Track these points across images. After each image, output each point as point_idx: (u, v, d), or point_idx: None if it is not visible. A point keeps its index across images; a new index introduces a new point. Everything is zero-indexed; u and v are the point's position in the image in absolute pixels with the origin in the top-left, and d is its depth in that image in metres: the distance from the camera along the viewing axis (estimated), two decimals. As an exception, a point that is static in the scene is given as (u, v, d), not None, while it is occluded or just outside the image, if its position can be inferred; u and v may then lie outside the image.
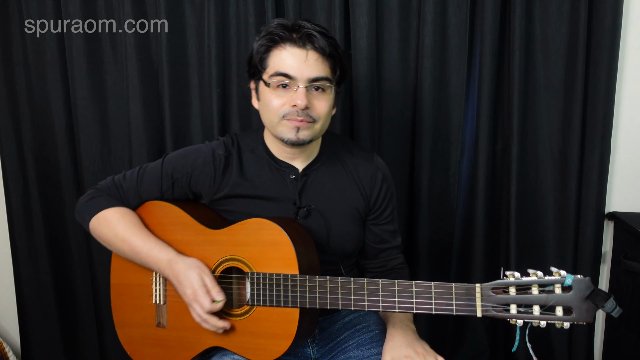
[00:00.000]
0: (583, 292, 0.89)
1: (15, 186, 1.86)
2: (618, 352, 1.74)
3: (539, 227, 1.77)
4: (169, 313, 1.22)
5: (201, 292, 1.10)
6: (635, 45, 1.66)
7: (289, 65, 1.10)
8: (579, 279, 0.89)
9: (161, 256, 1.16)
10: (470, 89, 1.74)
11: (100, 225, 1.23)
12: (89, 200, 1.25)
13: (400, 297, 1.01)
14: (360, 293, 1.03)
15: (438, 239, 1.77)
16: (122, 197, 1.26)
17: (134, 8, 1.68)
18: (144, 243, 1.18)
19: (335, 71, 1.15)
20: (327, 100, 1.15)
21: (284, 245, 1.08)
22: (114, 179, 1.27)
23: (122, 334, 1.29)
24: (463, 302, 0.96)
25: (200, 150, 1.25)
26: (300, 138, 1.13)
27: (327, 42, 1.11)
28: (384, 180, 1.28)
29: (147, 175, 1.25)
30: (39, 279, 1.92)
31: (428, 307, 0.99)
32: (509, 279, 0.92)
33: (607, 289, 1.79)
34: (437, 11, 1.62)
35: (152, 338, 1.24)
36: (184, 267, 1.13)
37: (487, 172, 1.73)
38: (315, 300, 1.06)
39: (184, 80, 1.75)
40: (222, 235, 1.16)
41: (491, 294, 0.94)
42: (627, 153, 1.73)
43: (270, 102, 1.13)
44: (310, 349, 1.25)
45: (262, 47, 1.13)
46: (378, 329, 1.25)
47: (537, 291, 0.91)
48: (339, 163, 1.27)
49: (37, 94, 1.82)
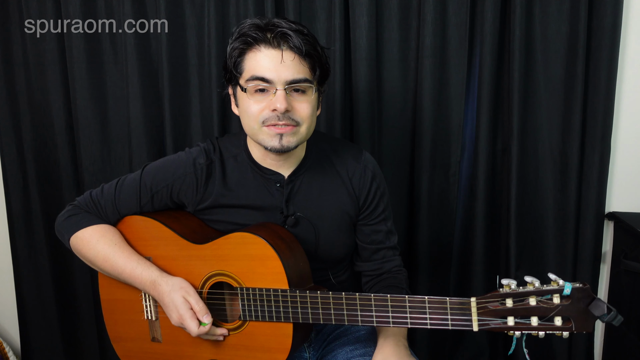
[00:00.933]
0: (582, 301, 0.85)
1: (15, 186, 1.86)
2: (618, 352, 1.74)
3: (539, 227, 1.77)
4: (162, 328, 1.20)
5: (187, 316, 1.07)
6: (635, 45, 1.66)
7: (265, 67, 1.04)
8: (578, 287, 0.85)
9: (144, 276, 1.13)
10: (470, 89, 1.74)
11: (79, 244, 1.19)
12: (67, 219, 1.21)
13: (394, 312, 0.98)
14: (353, 308, 1.00)
15: (438, 239, 1.77)
16: (101, 212, 1.21)
17: (134, 8, 1.68)
18: (125, 263, 1.15)
19: (314, 70, 1.08)
20: (309, 101, 1.08)
21: (271, 260, 1.06)
22: (92, 194, 1.23)
23: (119, 348, 1.28)
24: (458, 317, 0.93)
25: (180, 160, 1.20)
26: (285, 145, 1.07)
27: (303, 40, 1.04)
28: (374, 178, 1.23)
29: (125, 189, 1.21)
30: (39, 279, 1.92)
31: (423, 322, 0.96)
32: (505, 289, 0.89)
33: (607, 289, 1.79)
34: (437, 11, 1.62)
35: (149, 352, 1.23)
36: (167, 289, 1.11)
37: (487, 172, 1.73)
38: (308, 316, 1.04)
39: (184, 80, 1.75)
40: (206, 250, 1.13)
41: (489, 308, 0.90)
42: (627, 153, 1.73)
43: (249, 108, 1.07)
44: (307, 352, 1.25)
45: (236, 50, 1.07)
46: (365, 329, 1.24)
47: (535, 302, 0.87)
48: (325, 165, 1.21)
49: (37, 94, 1.82)
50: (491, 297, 0.90)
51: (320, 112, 1.19)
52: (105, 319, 1.29)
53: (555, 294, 0.86)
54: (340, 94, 1.69)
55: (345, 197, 1.21)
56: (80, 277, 1.92)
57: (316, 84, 1.10)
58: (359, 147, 1.28)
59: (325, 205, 1.20)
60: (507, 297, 0.89)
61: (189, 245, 1.15)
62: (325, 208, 1.20)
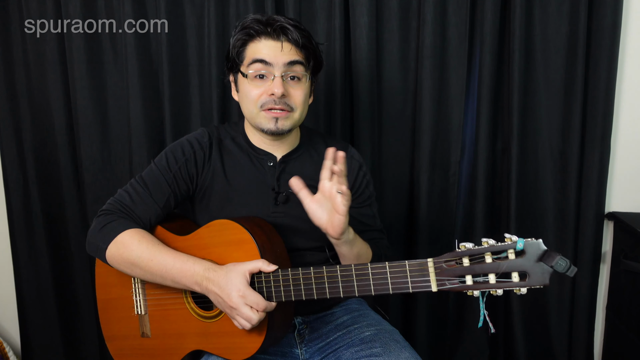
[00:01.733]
0: (536, 255, 0.88)
1: (15, 186, 1.86)
2: (618, 352, 1.74)
3: (539, 227, 1.77)
4: (151, 322, 1.24)
5: (249, 292, 1.04)
6: (635, 45, 1.66)
7: (265, 53, 1.16)
8: (531, 242, 0.88)
9: (196, 268, 1.09)
10: (470, 89, 1.74)
11: (120, 249, 1.15)
12: (103, 228, 1.17)
13: (359, 281, 1.00)
14: (321, 282, 1.03)
15: (438, 239, 1.77)
16: (135, 211, 1.19)
17: (134, 8, 1.68)
18: (174, 259, 1.11)
19: (309, 61, 1.21)
20: (303, 89, 1.20)
21: (247, 243, 1.09)
22: (117, 200, 1.21)
23: (112, 347, 1.32)
24: (418, 279, 0.95)
25: (185, 142, 1.27)
26: (280, 128, 1.18)
27: (301, 34, 1.17)
28: (360, 168, 1.33)
29: (149, 180, 1.22)
30: (39, 279, 1.92)
31: (385, 287, 0.98)
32: (461, 249, 0.91)
33: (607, 289, 1.80)
34: (437, 11, 1.62)
35: (138, 348, 1.26)
36: (223, 271, 1.07)
37: (487, 172, 1.73)
38: (281, 294, 1.06)
39: (184, 80, 1.75)
40: (189, 240, 1.17)
41: (445, 267, 0.93)
42: (627, 153, 1.73)
43: (249, 93, 1.19)
44: (299, 349, 1.25)
45: (239, 41, 1.19)
46: (370, 331, 1.23)
47: (491, 259, 0.90)
48: (316, 154, 1.30)
49: (37, 94, 1.82)
50: (448, 257, 0.93)
51: (312, 101, 1.29)
52: (100, 318, 1.32)
53: (510, 249, 0.89)
54: (340, 94, 1.69)
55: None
56: (80, 277, 1.92)
57: (309, 73, 1.22)
58: (347, 143, 1.40)
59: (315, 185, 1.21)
60: (464, 256, 0.92)
61: (175, 238, 1.19)
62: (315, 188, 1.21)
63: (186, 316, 1.19)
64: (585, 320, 1.79)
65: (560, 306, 1.79)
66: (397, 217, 1.79)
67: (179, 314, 1.19)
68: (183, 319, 1.19)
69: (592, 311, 1.79)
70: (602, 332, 1.85)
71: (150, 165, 1.25)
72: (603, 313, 1.83)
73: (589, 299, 1.77)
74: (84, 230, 1.88)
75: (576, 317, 1.79)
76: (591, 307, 1.78)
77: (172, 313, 1.20)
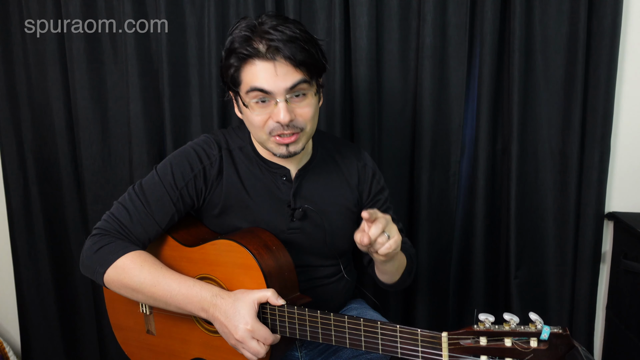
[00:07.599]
0: (560, 348, 0.80)
1: (15, 186, 1.86)
2: (618, 352, 1.74)
3: (539, 227, 1.76)
4: (156, 322, 1.24)
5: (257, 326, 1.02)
6: (635, 45, 1.66)
7: (262, 78, 1.04)
8: (557, 333, 0.81)
9: (203, 294, 1.04)
10: (470, 89, 1.74)
11: (120, 274, 1.08)
12: (99, 250, 1.10)
13: (366, 337, 0.97)
14: (327, 328, 1.01)
15: (438, 239, 1.77)
16: (133, 232, 1.13)
17: (134, 8, 1.68)
18: (179, 284, 1.06)
19: (312, 74, 1.08)
20: (310, 104, 1.10)
21: (254, 270, 1.07)
22: (115, 218, 1.14)
23: (119, 336, 1.32)
24: (428, 350, 0.91)
25: (193, 154, 1.18)
26: (292, 152, 1.11)
27: (297, 48, 1.04)
28: (374, 175, 1.31)
29: (150, 195, 1.14)
30: (39, 279, 1.92)
31: (394, 350, 0.95)
32: (480, 327, 0.85)
33: (606, 289, 1.80)
34: (437, 11, 1.62)
35: (144, 342, 1.27)
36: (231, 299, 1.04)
37: (487, 172, 1.73)
38: (286, 329, 1.04)
39: (184, 80, 1.75)
40: (195, 253, 1.15)
41: (459, 344, 0.87)
42: (627, 153, 1.73)
43: (254, 120, 1.09)
44: (299, 352, 1.25)
45: (231, 67, 1.08)
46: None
47: (511, 343, 0.83)
48: (330, 163, 1.27)
49: (37, 94, 1.82)
50: (464, 334, 0.87)
51: (322, 103, 1.20)
52: (107, 307, 1.32)
53: (533, 337, 0.82)
54: (340, 94, 1.69)
55: (348, 194, 1.27)
56: (80, 277, 1.92)
57: (315, 82, 1.11)
58: (358, 147, 1.37)
59: (329, 199, 1.24)
60: (482, 335, 0.85)
61: (180, 247, 1.17)
62: (329, 202, 1.24)
63: (191, 325, 1.18)
64: (585, 320, 1.78)
65: (560, 306, 1.79)
66: (397, 217, 1.78)
67: (184, 321, 1.19)
68: (187, 327, 1.19)
69: (592, 311, 1.79)
70: (602, 332, 1.85)
71: (153, 175, 1.17)
72: (603, 313, 1.83)
73: (589, 299, 1.77)
74: (84, 231, 1.88)
75: (576, 317, 1.79)
76: (591, 307, 1.78)
77: (177, 319, 1.19)
